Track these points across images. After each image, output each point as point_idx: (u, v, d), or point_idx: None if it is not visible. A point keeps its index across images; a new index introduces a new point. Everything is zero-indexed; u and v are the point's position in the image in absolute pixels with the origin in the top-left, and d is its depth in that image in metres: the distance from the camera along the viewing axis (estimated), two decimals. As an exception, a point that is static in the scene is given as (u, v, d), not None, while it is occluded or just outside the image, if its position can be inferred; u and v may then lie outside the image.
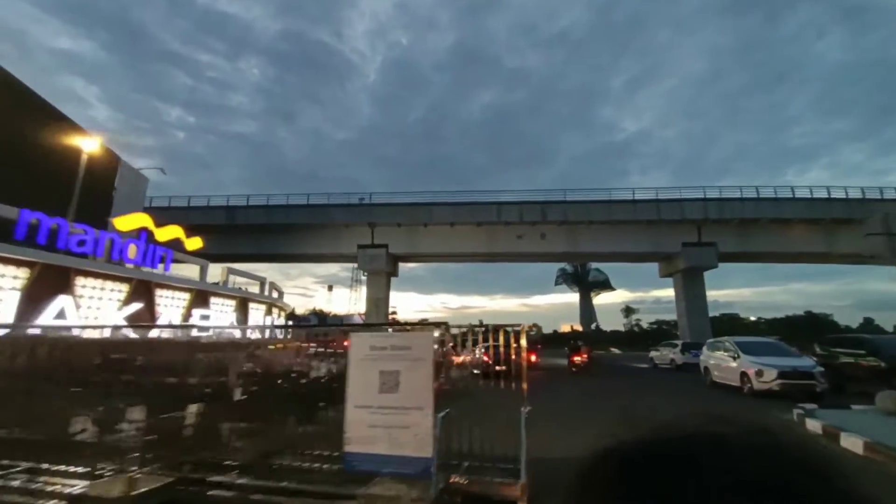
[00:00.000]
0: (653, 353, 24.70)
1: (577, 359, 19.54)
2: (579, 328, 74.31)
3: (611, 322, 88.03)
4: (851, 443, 6.05)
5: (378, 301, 33.92)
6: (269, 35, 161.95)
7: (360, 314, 78.87)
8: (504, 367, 13.62)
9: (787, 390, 10.69)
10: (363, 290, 41.00)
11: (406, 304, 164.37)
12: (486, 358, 17.25)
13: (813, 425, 7.25)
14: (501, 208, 32.23)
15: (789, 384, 10.72)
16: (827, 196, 30.96)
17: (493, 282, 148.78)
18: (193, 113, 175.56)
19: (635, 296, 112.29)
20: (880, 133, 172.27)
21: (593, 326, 71.35)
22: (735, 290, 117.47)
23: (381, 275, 34.37)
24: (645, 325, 70.38)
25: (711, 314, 35.02)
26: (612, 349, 54.58)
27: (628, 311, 69.80)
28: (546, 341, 57.16)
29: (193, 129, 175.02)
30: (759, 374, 11.15)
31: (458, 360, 19.55)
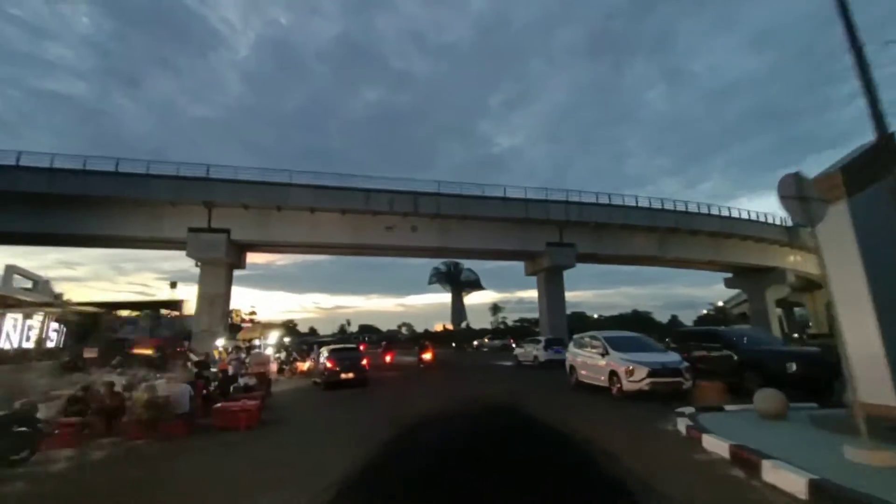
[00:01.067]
0: (517, 351, 24.30)
1: (425, 356, 22.56)
2: (450, 327, 75.40)
3: (481, 321, 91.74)
4: (785, 480, 4.45)
5: (214, 298, 27.76)
6: None
7: None
8: (351, 375, 10.65)
9: (656, 389, 9.82)
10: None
11: (274, 305, 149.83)
12: (329, 364, 13.43)
13: (714, 445, 5.78)
14: (370, 196, 29.06)
15: (660, 383, 9.86)
16: (661, 207, 34.97)
17: (369, 281, 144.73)
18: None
19: (503, 296, 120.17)
20: (686, 171, 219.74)
21: (464, 325, 72.87)
22: (581, 292, 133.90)
23: (220, 266, 28.27)
24: (510, 322, 74.14)
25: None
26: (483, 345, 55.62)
27: (496, 309, 72.99)
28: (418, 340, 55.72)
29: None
30: (630, 372, 10.12)
31: (301, 367, 14.95)
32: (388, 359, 26.03)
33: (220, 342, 20.35)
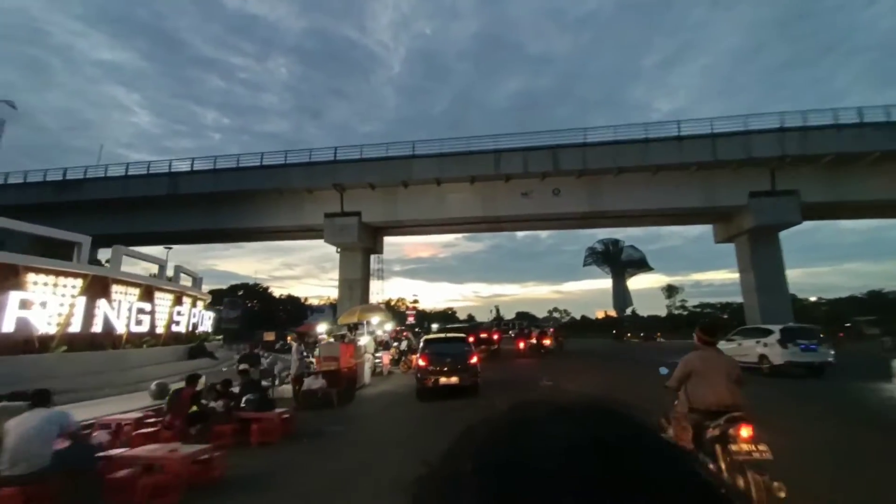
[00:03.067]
0: (723, 347, 16.42)
1: (521, 344, 22.74)
2: (612, 313, 65.85)
3: (649, 307, 78.65)
4: None
5: (352, 283, 27.46)
6: (295, 33, 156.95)
7: (379, 304, 74.12)
8: (455, 380, 9.21)
9: None
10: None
11: (438, 295, 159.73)
12: (423, 363, 9.95)
13: None
14: (500, 158, 24.70)
15: None
16: (968, 116, 21.46)
17: (524, 270, 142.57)
18: (228, 114, 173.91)
19: (672, 279, 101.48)
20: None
21: (629, 311, 62.72)
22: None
23: (356, 250, 27.83)
24: (690, 306, 60.64)
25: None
26: (660, 337, 45.57)
27: (671, 290, 60.34)
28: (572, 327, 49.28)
29: (228, 130, 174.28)
30: None
31: (415, 360, 11.54)
32: (521, 346, 23.19)
33: (322, 327, 18.79)
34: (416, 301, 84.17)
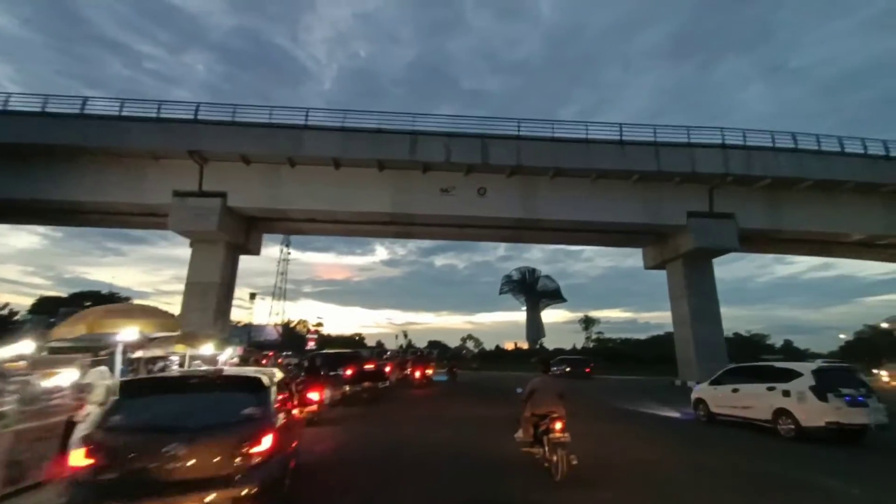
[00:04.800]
0: (702, 393, 10.60)
1: (417, 374, 20.09)
2: (523, 345, 63.41)
3: (560, 340, 78.26)
4: None
5: (206, 289, 20.07)
6: (222, 30, 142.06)
7: (276, 326, 63.85)
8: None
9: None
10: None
11: (349, 320, 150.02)
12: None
13: None
14: (417, 141, 19.78)
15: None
16: (885, 154, 21.37)
17: (440, 297, 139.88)
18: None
19: (575, 315, 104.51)
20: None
21: (540, 343, 60.81)
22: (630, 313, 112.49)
23: (217, 244, 20.64)
24: (609, 339, 59.83)
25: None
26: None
27: (587, 322, 59.42)
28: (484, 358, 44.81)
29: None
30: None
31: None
32: (417, 375, 20.15)
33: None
34: (319, 324, 74.70)
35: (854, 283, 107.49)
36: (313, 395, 8.79)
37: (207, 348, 9.68)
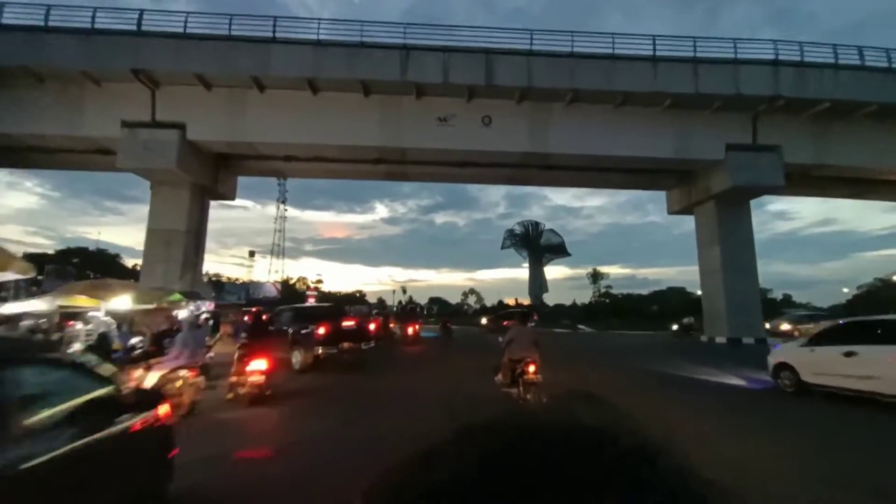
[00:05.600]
0: (809, 357, 7.22)
1: (409, 330, 18.81)
2: (525, 301, 61.66)
3: (560, 297, 76.64)
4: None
5: (169, 237, 17.51)
6: None
7: (274, 283, 62.20)
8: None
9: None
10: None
11: (351, 277, 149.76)
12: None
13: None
14: (409, 56, 16.43)
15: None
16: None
17: (440, 255, 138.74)
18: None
19: (575, 272, 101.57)
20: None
21: (544, 298, 59.21)
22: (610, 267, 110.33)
23: (180, 186, 17.85)
24: (617, 294, 57.83)
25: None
26: (581, 326, 38.80)
27: (595, 277, 57.26)
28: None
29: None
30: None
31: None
32: (410, 331, 18.71)
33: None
34: (319, 281, 73.16)
35: (852, 237, 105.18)
36: (258, 365, 6.42)
37: (123, 301, 7.25)
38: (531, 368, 5.79)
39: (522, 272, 64.47)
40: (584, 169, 20.39)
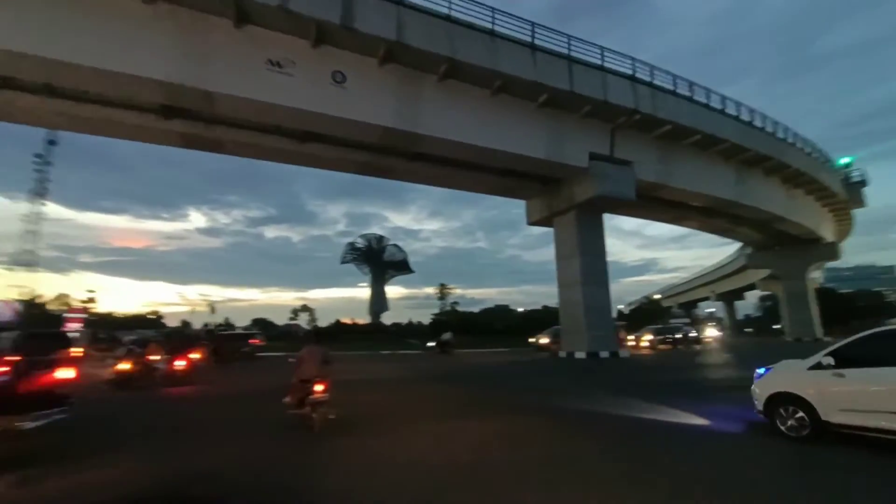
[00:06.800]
0: (830, 385, 4.69)
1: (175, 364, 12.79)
2: (361, 321, 56.71)
3: (398, 316, 74.46)
4: None
5: None
6: None
7: (9, 302, 43.40)
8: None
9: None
10: None
11: (149, 296, 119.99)
12: None
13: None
14: (227, -43, 11.09)
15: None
16: (750, 122, 21.57)
17: (268, 273, 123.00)
18: None
19: (415, 292, 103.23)
20: None
21: (382, 318, 56.12)
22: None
23: None
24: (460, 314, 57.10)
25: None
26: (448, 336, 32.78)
27: (443, 293, 55.84)
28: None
29: None
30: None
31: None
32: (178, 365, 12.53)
33: None
34: (90, 300, 53.20)
35: (618, 266, 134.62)
36: None
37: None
38: (318, 388, 5.72)
39: (360, 291, 59.61)
40: (454, 164, 17.77)
